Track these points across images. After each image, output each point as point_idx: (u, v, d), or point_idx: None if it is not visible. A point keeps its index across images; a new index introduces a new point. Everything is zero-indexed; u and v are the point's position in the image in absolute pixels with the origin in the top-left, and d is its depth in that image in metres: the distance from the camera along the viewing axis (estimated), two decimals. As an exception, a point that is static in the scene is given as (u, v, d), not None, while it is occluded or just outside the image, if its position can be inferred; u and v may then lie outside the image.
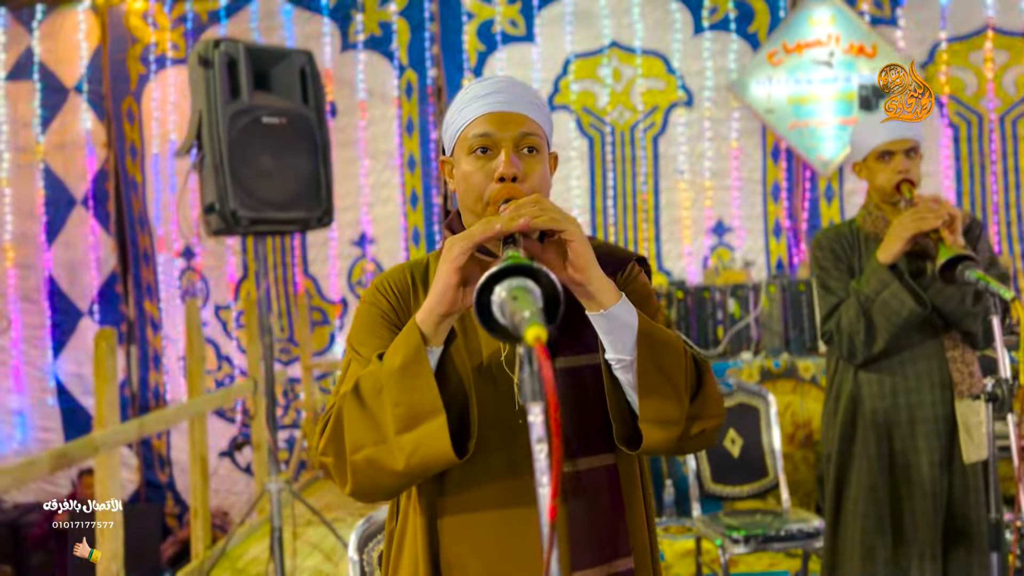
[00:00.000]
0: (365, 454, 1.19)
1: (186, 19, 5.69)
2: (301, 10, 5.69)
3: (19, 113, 5.77)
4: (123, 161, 5.76)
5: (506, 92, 1.36)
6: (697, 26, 5.57)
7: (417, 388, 1.16)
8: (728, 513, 3.44)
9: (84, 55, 5.74)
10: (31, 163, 5.78)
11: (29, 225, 5.79)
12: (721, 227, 5.62)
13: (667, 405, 1.23)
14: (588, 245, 1.23)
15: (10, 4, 5.74)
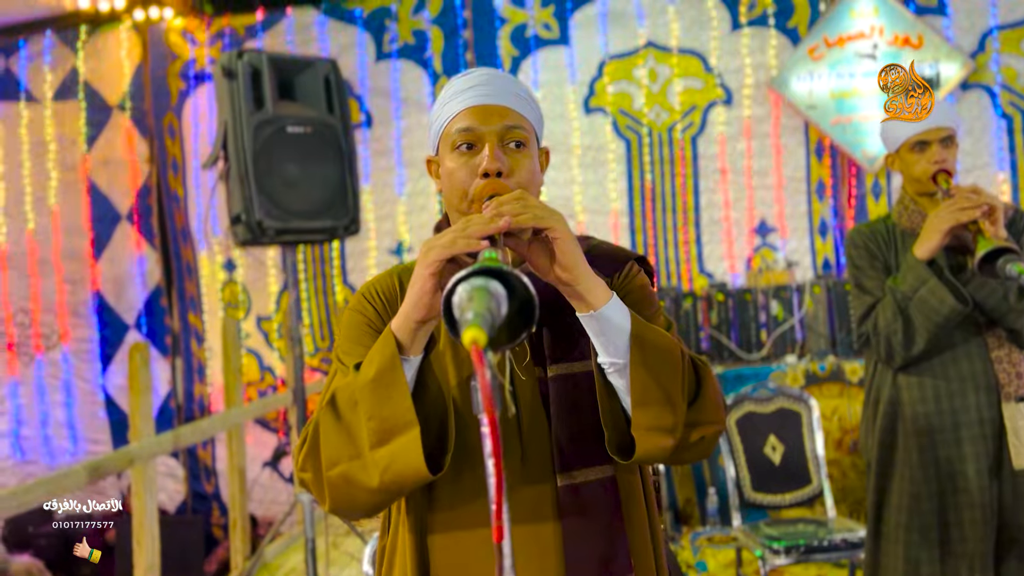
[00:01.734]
0: (340, 470, 1.14)
1: (223, 35, 5.77)
2: (335, 21, 5.71)
3: (66, 132, 5.90)
4: (165, 176, 5.85)
5: (489, 85, 1.30)
6: (735, 23, 5.44)
7: (391, 400, 1.11)
8: (769, 523, 3.32)
9: (127, 73, 5.84)
10: (78, 180, 5.90)
11: (77, 241, 5.91)
12: (764, 227, 5.48)
13: (662, 411, 1.15)
14: (575, 243, 1.17)
15: (56, 26, 5.87)
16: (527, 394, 1.26)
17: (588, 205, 5.58)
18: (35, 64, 5.91)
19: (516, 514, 1.22)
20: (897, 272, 2.29)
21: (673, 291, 5.04)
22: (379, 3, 5.68)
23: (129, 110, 5.86)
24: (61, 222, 5.92)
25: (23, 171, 5.92)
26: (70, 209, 5.91)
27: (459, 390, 1.26)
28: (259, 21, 5.75)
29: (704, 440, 1.20)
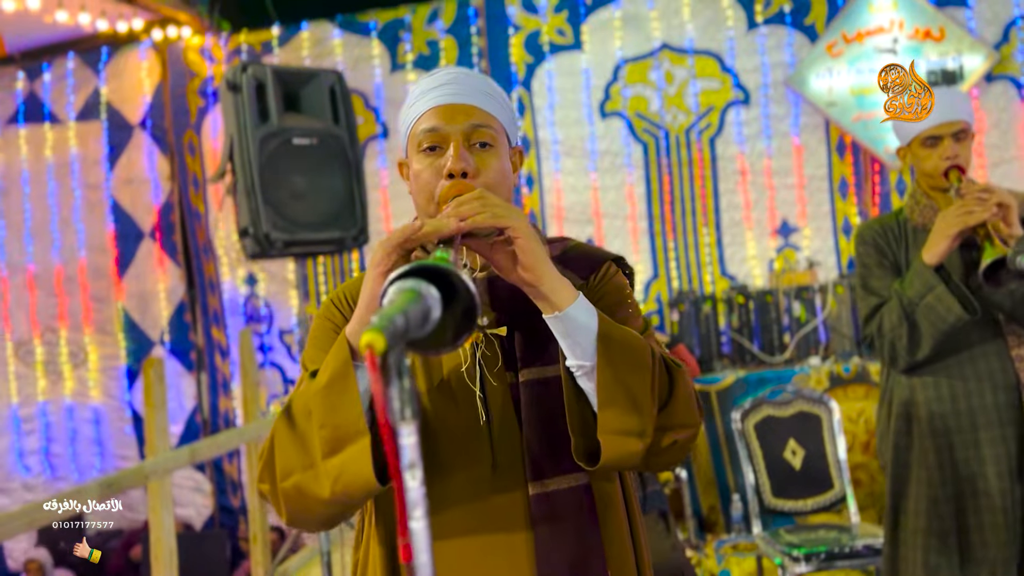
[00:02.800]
0: (294, 480, 1.11)
1: (240, 51, 5.81)
2: (350, 34, 5.74)
3: (89, 152, 5.99)
4: (186, 193, 5.90)
5: (454, 83, 1.26)
6: (751, 22, 5.37)
7: (342, 408, 1.07)
8: (790, 530, 3.24)
9: (147, 93, 5.92)
10: (101, 199, 5.98)
11: (101, 259, 5.98)
12: (786, 227, 5.38)
13: (629, 414, 1.11)
14: (537, 242, 1.13)
15: (78, 48, 5.97)
16: (498, 400, 1.23)
17: (606, 210, 5.52)
18: (58, 86, 6.01)
19: (487, 523, 1.18)
20: (907, 270, 2.22)
21: (692, 294, 4.97)
22: (393, 15, 5.70)
23: (150, 129, 5.93)
24: (86, 241, 6.00)
25: (48, 192, 6.01)
26: (94, 228, 5.99)
27: (428, 397, 1.22)
28: (275, 36, 5.79)
29: (677, 444, 1.16)
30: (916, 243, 2.21)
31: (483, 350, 1.24)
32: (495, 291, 1.24)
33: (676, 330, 4.89)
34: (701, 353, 4.83)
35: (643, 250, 5.50)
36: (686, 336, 4.85)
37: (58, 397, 6.00)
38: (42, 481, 6.04)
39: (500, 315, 1.25)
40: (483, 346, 1.24)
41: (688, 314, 4.86)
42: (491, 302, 1.25)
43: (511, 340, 1.24)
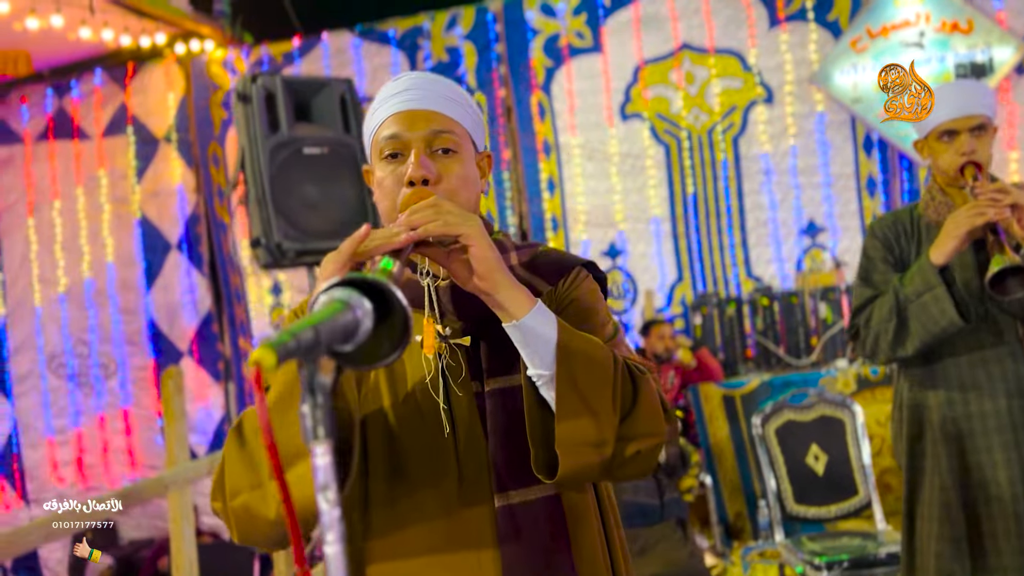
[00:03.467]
0: (242, 500, 1.08)
1: (262, 62, 5.86)
2: (370, 43, 5.76)
3: (116, 166, 6.07)
4: (211, 204, 5.96)
5: (415, 89, 1.23)
6: (772, 19, 5.29)
7: (288, 426, 1.04)
8: (812, 537, 3.16)
9: (172, 106, 5.99)
10: (129, 212, 6.06)
11: (129, 272, 6.06)
12: (813, 227, 5.28)
13: (587, 425, 1.07)
14: (491, 249, 1.09)
15: (104, 64, 6.06)
16: (464, 411, 1.19)
17: (628, 213, 5.47)
18: (86, 102, 6.10)
19: (454, 538, 1.15)
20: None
21: (714, 297, 4.89)
22: (412, 23, 5.70)
23: (175, 142, 6.00)
24: (114, 253, 6.08)
25: (77, 206, 6.11)
26: (122, 241, 6.07)
27: (393, 411, 1.19)
28: (296, 47, 5.83)
29: (641, 454, 1.11)
30: (928, 240, 2.14)
31: (448, 360, 1.20)
32: (459, 300, 1.21)
33: (699, 334, 4.82)
34: (725, 356, 4.75)
35: (667, 253, 5.43)
36: (709, 339, 4.78)
37: (89, 409, 6.08)
38: (76, 492, 6.13)
39: (466, 324, 1.22)
40: (447, 356, 1.21)
41: (711, 317, 4.78)
42: (455, 311, 1.22)
43: (476, 349, 1.21)
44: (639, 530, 3.07)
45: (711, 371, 4.52)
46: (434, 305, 1.22)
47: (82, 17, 4.98)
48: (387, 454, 1.19)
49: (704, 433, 4.34)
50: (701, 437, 4.36)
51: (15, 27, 4.84)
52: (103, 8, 5.07)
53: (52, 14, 4.81)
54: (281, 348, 0.67)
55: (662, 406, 1.16)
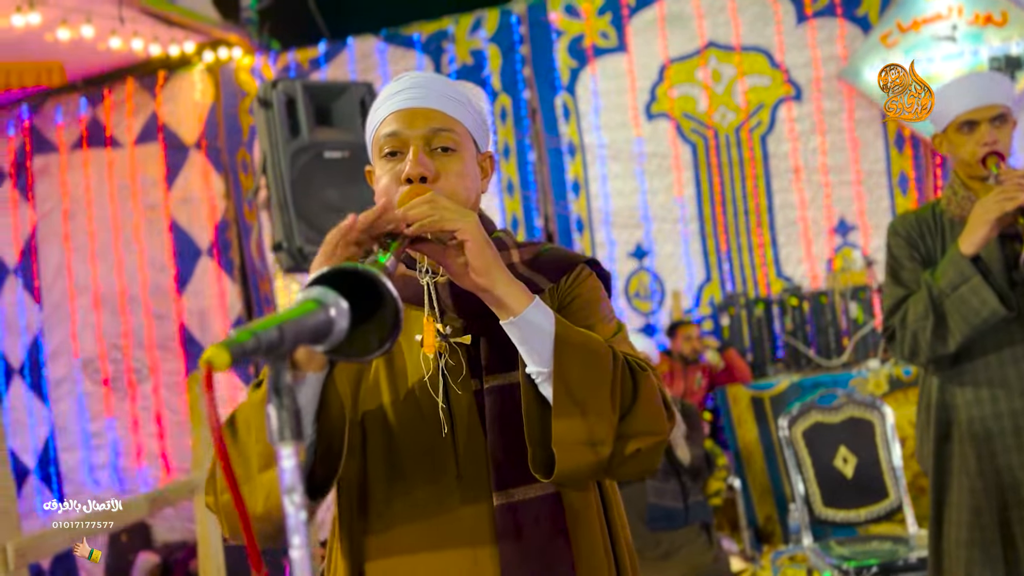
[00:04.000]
0: (230, 495, 1.08)
1: (289, 68, 5.91)
2: (395, 47, 5.78)
3: (148, 173, 6.16)
4: (241, 210, 6.01)
5: (417, 87, 1.22)
6: (800, 15, 5.21)
7: None
8: (841, 541, 3.09)
9: (201, 113, 6.06)
10: (160, 219, 6.14)
11: (161, 278, 6.14)
12: (844, 226, 5.20)
13: (585, 423, 1.06)
14: (487, 245, 1.08)
15: (136, 73, 6.15)
16: (463, 409, 1.19)
17: (656, 213, 5.42)
18: (118, 111, 6.20)
19: (453, 537, 1.14)
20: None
21: (743, 298, 4.83)
22: (436, 27, 5.71)
23: (204, 149, 6.06)
24: (146, 260, 6.17)
25: (110, 213, 6.21)
26: (154, 247, 6.15)
27: (392, 409, 1.19)
28: (321, 53, 5.87)
29: (641, 453, 1.09)
30: (952, 236, 2.09)
31: (447, 359, 1.20)
32: (459, 297, 1.20)
33: (727, 334, 4.75)
34: (754, 358, 4.68)
35: (694, 253, 5.38)
36: (737, 341, 4.71)
37: (124, 413, 6.17)
38: (112, 494, 6.22)
39: (466, 322, 1.21)
40: (447, 354, 1.20)
41: (739, 318, 4.72)
42: (455, 308, 1.21)
43: (476, 346, 1.20)
44: (663, 534, 3.03)
45: (739, 372, 4.46)
46: (434, 303, 1.21)
47: (112, 27, 5.05)
48: (386, 452, 1.19)
49: (732, 435, 4.29)
50: (729, 439, 4.30)
51: (47, 38, 4.93)
52: (132, 18, 5.14)
53: (82, 24, 4.89)
54: (237, 347, 0.65)
55: (664, 404, 1.14)
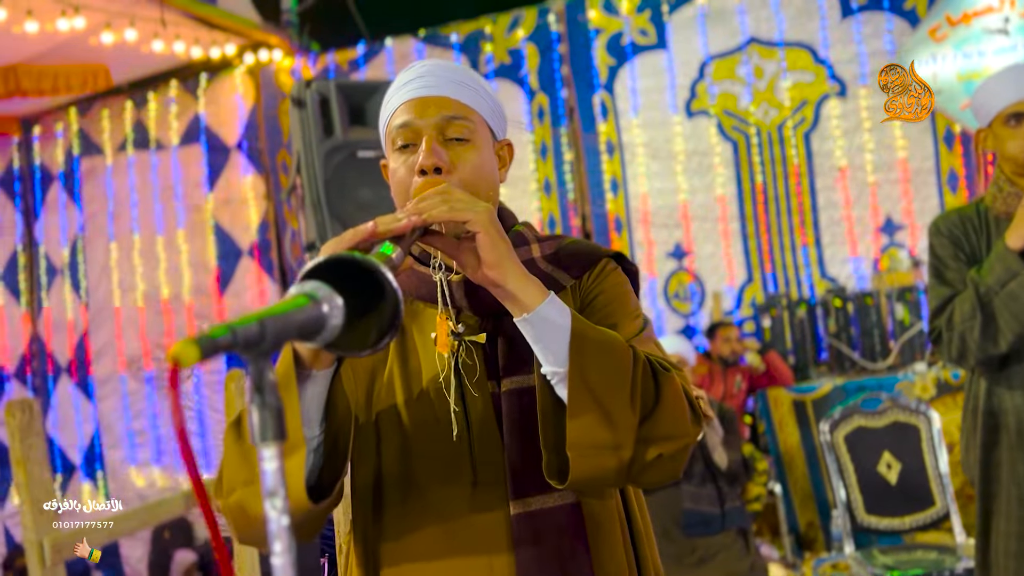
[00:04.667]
0: (236, 497, 1.05)
1: (328, 70, 5.94)
2: (432, 47, 5.77)
3: (190, 175, 6.24)
4: (280, 211, 6.06)
5: (429, 75, 1.18)
6: (845, 9, 5.09)
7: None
8: (885, 549, 3.00)
9: (242, 115, 6.12)
10: (203, 220, 6.21)
11: (203, 278, 6.21)
12: (891, 225, 5.06)
13: (601, 426, 1.00)
14: (500, 238, 1.03)
15: (179, 76, 6.23)
16: (479, 412, 1.14)
17: (695, 213, 5.34)
18: (162, 113, 6.29)
19: (467, 546, 1.10)
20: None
21: (784, 299, 4.72)
22: (474, 27, 5.70)
23: (246, 150, 6.12)
24: (189, 260, 6.25)
25: (154, 214, 6.30)
26: (197, 247, 6.22)
27: (406, 409, 1.15)
28: (361, 54, 5.89)
29: (663, 458, 1.03)
30: (998, 233, 2.00)
31: (463, 358, 1.15)
32: (474, 294, 1.15)
33: (768, 336, 4.65)
34: (796, 360, 4.57)
35: (736, 254, 5.28)
36: (779, 343, 4.61)
37: (166, 411, 6.25)
38: (155, 491, 6.31)
39: (482, 320, 1.17)
40: (462, 354, 1.15)
41: (780, 319, 4.62)
42: (470, 306, 1.17)
43: (493, 347, 1.15)
44: (698, 539, 2.97)
45: (780, 375, 4.35)
46: (447, 300, 1.17)
47: (154, 30, 5.12)
48: (400, 455, 1.15)
49: (773, 439, 4.19)
50: (770, 444, 4.20)
51: (91, 42, 5.01)
52: (174, 21, 5.20)
53: (126, 28, 4.97)
54: (207, 343, 0.62)
55: (691, 407, 1.08)
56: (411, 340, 1.19)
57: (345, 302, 0.76)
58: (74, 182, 6.49)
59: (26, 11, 4.55)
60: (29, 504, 2.55)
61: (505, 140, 1.26)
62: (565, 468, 1.03)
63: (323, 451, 1.06)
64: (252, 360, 0.66)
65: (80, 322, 6.47)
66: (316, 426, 1.05)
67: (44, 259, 6.58)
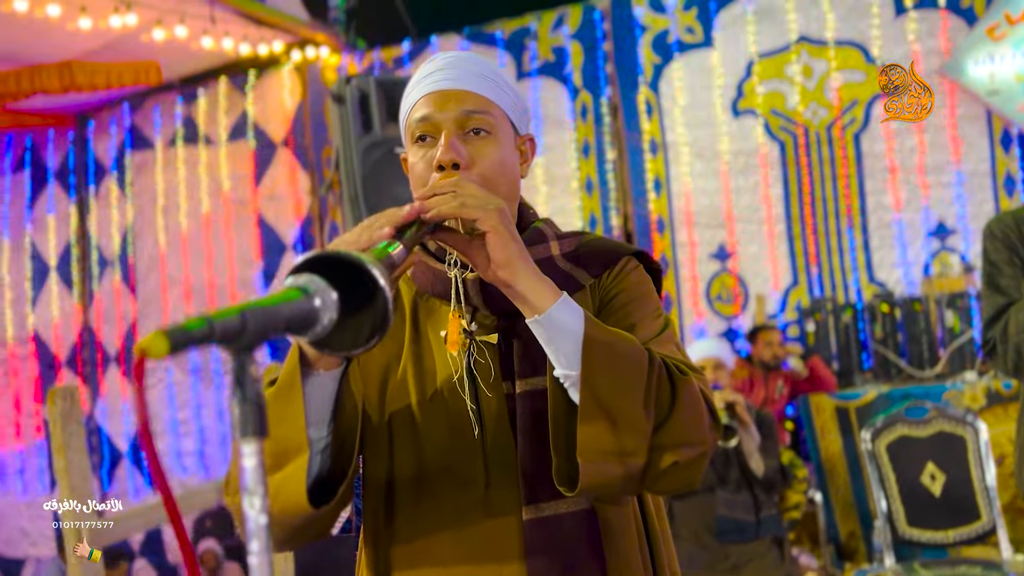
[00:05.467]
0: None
1: (374, 67, 5.97)
2: (477, 45, 5.76)
3: (238, 170, 6.32)
4: (325, 207, 6.11)
5: (450, 68, 1.16)
6: (898, 7, 4.96)
7: (284, 419, 0.99)
8: (927, 563, 2.91)
9: (289, 112, 6.18)
10: (248, 215, 6.30)
11: (248, 271, 6.29)
12: (943, 229, 4.92)
13: (615, 431, 0.97)
14: (510, 237, 1.01)
15: (228, 72, 6.32)
16: (492, 414, 1.11)
17: (740, 214, 5.25)
18: (211, 109, 6.39)
19: (478, 549, 1.08)
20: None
21: (829, 303, 4.61)
22: (519, 24, 5.68)
23: (292, 146, 6.19)
24: (235, 254, 6.33)
25: (202, 208, 6.40)
26: (243, 241, 6.31)
27: (419, 410, 1.13)
28: (406, 51, 5.91)
29: (678, 466, 0.99)
30: (1055, 239, 1.91)
31: (475, 358, 1.13)
32: (489, 292, 1.13)
33: (812, 341, 4.55)
34: (840, 366, 4.47)
35: (781, 256, 5.18)
36: (824, 348, 4.51)
37: (209, 402, 6.35)
38: (197, 480, 6.41)
39: (499, 319, 1.14)
40: (475, 354, 1.13)
41: (825, 324, 4.51)
42: (486, 304, 1.14)
43: (508, 347, 1.13)
44: (732, 546, 2.91)
45: (823, 381, 4.26)
46: (460, 298, 1.15)
47: (204, 27, 5.20)
48: (413, 455, 1.13)
49: (815, 446, 4.10)
50: (811, 451, 4.11)
51: (143, 39, 5.10)
52: (224, 18, 5.28)
53: (176, 25, 5.05)
54: (179, 334, 0.61)
55: (710, 413, 1.04)
56: (425, 339, 1.17)
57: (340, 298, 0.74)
58: (126, 175, 6.63)
59: (80, 8, 4.65)
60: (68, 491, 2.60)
61: (527, 135, 1.23)
62: (576, 474, 1.00)
63: (330, 452, 1.05)
64: (233, 353, 0.65)
65: (129, 312, 6.60)
66: (324, 427, 1.03)
67: (96, 250, 6.72)
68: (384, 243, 0.93)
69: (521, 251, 1.02)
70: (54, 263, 6.86)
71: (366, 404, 1.13)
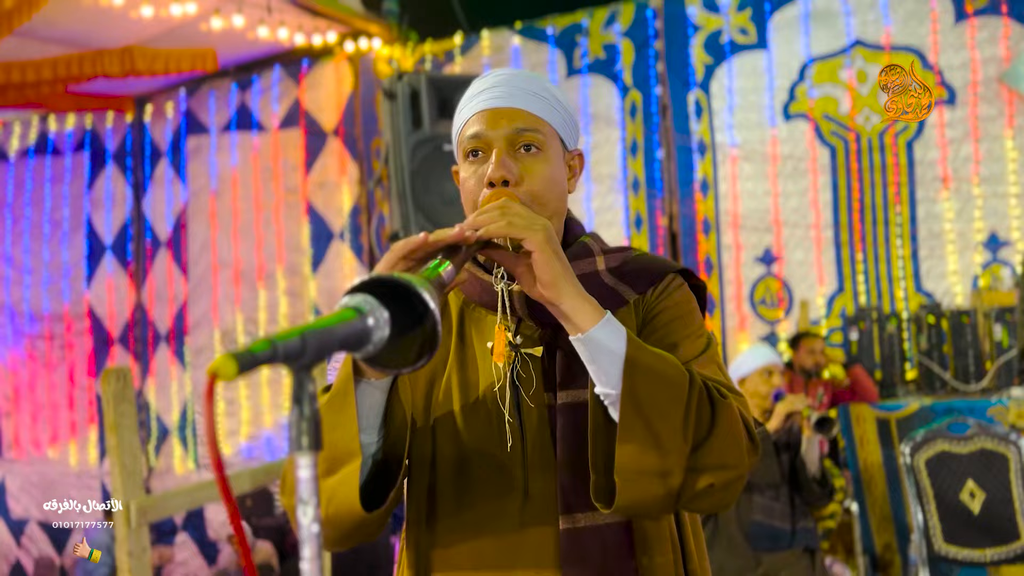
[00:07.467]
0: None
1: (424, 60, 6.03)
2: (528, 41, 5.78)
3: (289, 158, 6.43)
4: (373, 197, 6.19)
5: (502, 86, 1.19)
6: (959, 13, 4.87)
7: (339, 426, 1.04)
8: (962, 581, 2.88)
9: (341, 102, 6.27)
10: (298, 202, 6.41)
11: (296, 258, 6.41)
12: (995, 241, 4.83)
13: (650, 452, 0.99)
14: (555, 256, 1.04)
15: (282, 61, 6.43)
16: (533, 424, 1.14)
17: (788, 218, 5.21)
18: (265, 97, 6.50)
19: (518, 557, 1.11)
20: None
21: (875, 312, 4.57)
22: (570, 20, 5.68)
23: (342, 136, 6.28)
24: (284, 240, 6.45)
25: (253, 194, 6.53)
26: (291, 228, 6.42)
27: (462, 418, 1.17)
28: (458, 45, 5.95)
29: (714, 488, 1.02)
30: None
31: (519, 369, 1.16)
32: (535, 306, 1.15)
33: (855, 350, 4.51)
34: (883, 376, 4.42)
35: (828, 262, 5.13)
36: (867, 357, 4.46)
37: (256, 384, 6.49)
38: (239, 462, 6.56)
39: (543, 331, 1.17)
40: (519, 365, 1.16)
41: (869, 333, 4.47)
42: (531, 316, 1.17)
43: (551, 359, 1.16)
44: (764, 554, 2.91)
45: (865, 391, 4.22)
46: (506, 310, 1.18)
47: (260, 17, 5.29)
48: (455, 463, 1.16)
49: (853, 457, 4.07)
50: (850, 461, 4.08)
51: (201, 27, 5.22)
52: (279, 8, 5.37)
53: (234, 14, 5.15)
54: (247, 357, 0.65)
55: (749, 436, 1.07)
56: (470, 348, 1.20)
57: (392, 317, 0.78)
58: (180, 159, 6.78)
59: (142, -4, 4.78)
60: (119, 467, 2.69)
61: (576, 151, 1.27)
62: (613, 491, 1.03)
63: (381, 457, 1.09)
64: (294, 373, 0.69)
65: (180, 293, 6.76)
66: (375, 432, 1.08)
67: (150, 232, 6.90)
68: (435, 262, 0.96)
69: (565, 270, 1.05)
70: (110, 242, 7.05)
71: (413, 410, 1.17)
